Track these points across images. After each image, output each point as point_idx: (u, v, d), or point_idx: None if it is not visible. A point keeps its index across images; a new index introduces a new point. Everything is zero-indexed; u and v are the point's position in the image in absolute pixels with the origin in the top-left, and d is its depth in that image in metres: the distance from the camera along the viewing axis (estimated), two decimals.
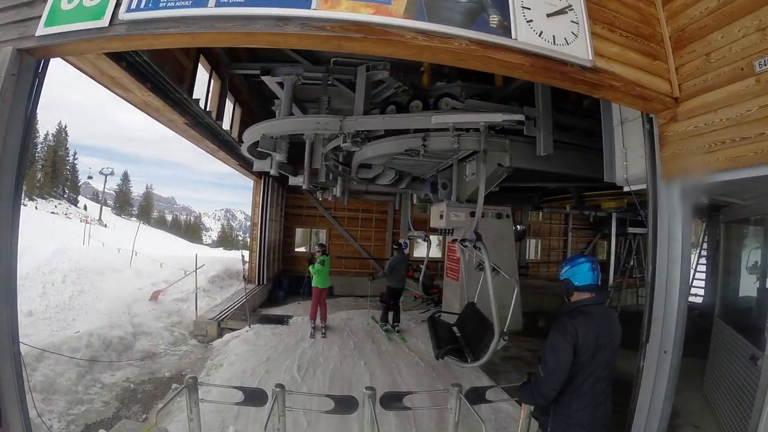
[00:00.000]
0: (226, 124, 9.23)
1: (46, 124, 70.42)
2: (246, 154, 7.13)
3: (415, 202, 13.46)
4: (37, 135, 64.94)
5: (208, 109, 7.61)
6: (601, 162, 6.50)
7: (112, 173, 60.04)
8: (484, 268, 7.68)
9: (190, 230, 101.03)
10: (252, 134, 6.34)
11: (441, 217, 8.71)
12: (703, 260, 13.42)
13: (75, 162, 73.44)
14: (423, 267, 11.02)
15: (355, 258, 16.62)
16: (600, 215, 17.05)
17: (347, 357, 7.50)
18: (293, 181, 10.06)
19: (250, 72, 9.27)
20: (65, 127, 71.20)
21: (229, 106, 9.61)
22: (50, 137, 68.66)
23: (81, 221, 47.18)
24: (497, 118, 5.60)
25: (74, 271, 12.32)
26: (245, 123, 9.46)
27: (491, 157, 6.81)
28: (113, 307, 9.93)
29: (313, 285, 9.18)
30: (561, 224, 19.09)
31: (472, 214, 8.54)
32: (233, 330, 9.33)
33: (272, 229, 14.79)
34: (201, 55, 7.68)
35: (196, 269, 10.54)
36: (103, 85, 5.43)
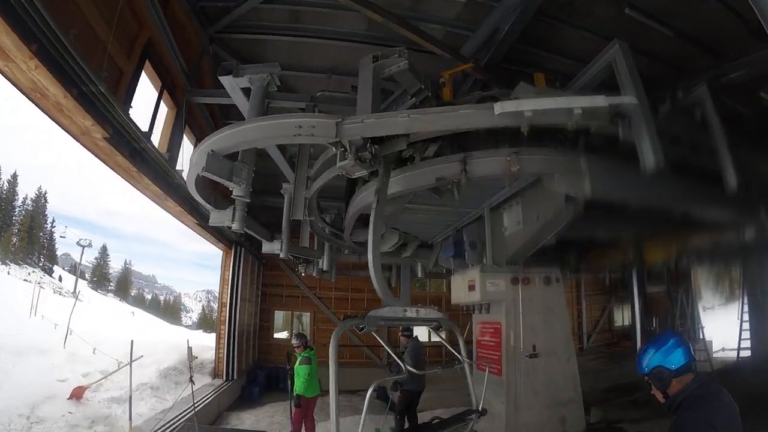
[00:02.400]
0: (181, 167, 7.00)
1: (25, 188, 68.46)
2: (196, 196, 4.78)
3: (420, 274, 11.09)
4: (16, 197, 62.88)
5: (147, 132, 5.40)
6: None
7: (90, 245, 56.71)
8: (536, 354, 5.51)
9: (170, 310, 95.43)
10: (200, 156, 4.09)
11: (472, 288, 6.33)
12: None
13: (53, 230, 69.78)
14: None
15: (345, 345, 13.92)
16: (615, 276, 15.90)
17: None
18: (267, 248, 7.77)
19: (219, 102, 7.30)
20: (45, 193, 68.29)
21: (188, 146, 7.46)
22: (29, 201, 65.83)
23: (55, 292, 44.36)
24: (599, 101, 3.53)
25: None
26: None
27: (557, 186, 4.64)
28: (6, 405, 7.17)
29: (296, 392, 6.52)
30: (571, 292, 16.74)
31: (515, 281, 6.21)
32: None
33: (246, 311, 12.23)
34: (147, 61, 5.67)
35: (132, 361, 7.72)
36: None
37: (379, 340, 4.29)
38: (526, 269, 6.43)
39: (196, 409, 6.94)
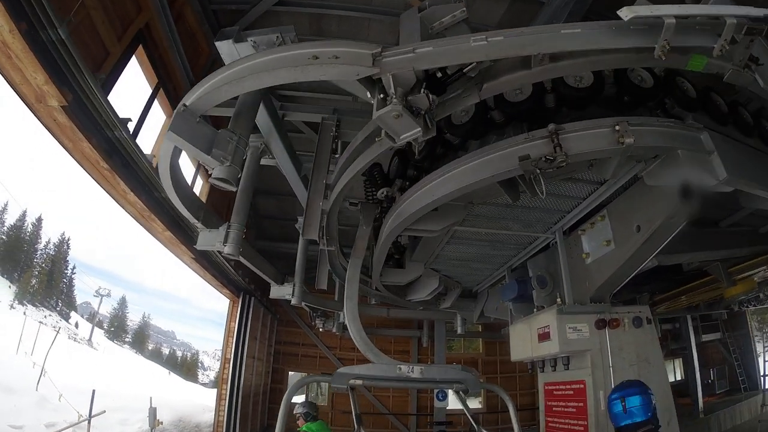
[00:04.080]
0: None
1: (49, 232, 70.16)
2: (170, 193, 3.48)
3: (459, 330, 9.35)
4: (39, 240, 63.80)
5: (126, 120, 4.25)
6: None
7: (108, 295, 56.98)
8: None
9: (186, 367, 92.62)
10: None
11: (545, 337, 4.70)
12: None
13: (73, 276, 70.32)
14: None
15: (368, 413, 12.11)
16: (665, 327, 14.32)
17: None
18: (277, 292, 6.37)
19: (226, 114, 6.29)
20: (68, 239, 69.42)
21: (188, 165, 6.39)
22: (51, 246, 66.58)
23: (69, 338, 45.75)
24: (753, 11, 2.37)
25: None
26: (216, 209, 6.07)
27: (670, 176, 3.20)
28: None
29: None
30: None
31: (601, 324, 4.57)
32: None
33: (254, 370, 10.80)
34: (141, 46, 4.72)
35: (91, 416, 6.14)
36: None
37: (353, 403, 3.32)
38: (612, 308, 4.79)
39: None
